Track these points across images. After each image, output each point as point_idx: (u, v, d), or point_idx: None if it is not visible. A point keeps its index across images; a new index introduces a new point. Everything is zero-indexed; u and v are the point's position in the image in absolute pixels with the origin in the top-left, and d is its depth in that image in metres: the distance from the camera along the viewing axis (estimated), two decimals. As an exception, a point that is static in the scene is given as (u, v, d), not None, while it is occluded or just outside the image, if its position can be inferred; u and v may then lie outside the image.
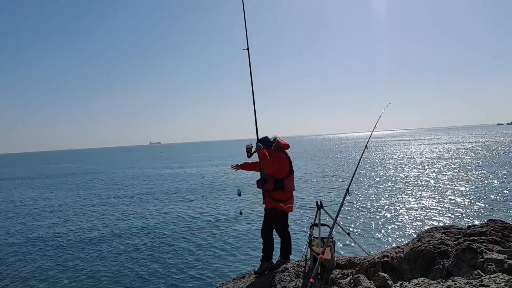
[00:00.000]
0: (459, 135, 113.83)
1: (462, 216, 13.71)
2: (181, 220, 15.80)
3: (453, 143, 69.64)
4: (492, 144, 57.52)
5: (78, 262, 11.05)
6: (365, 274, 3.78)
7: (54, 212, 20.04)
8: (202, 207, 18.73)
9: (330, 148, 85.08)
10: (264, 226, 4.91)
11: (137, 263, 10.56)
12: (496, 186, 19.35)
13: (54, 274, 10.14)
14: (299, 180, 26.66)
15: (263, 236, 4.90)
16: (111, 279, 9.53)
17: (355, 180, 24.06)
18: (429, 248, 3.70)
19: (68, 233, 14.74)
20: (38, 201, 24.76)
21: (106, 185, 32.34)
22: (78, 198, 24.89)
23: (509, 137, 76.73)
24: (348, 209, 15.50)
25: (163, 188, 27.55)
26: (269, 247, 4.90)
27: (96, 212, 19.07)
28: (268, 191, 4.76)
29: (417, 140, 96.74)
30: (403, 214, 14.45)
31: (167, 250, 11.61)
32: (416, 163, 35.01)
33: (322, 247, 4.05)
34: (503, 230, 3.78)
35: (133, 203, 21.43)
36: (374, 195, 19.02)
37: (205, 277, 9.24)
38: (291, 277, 4.38)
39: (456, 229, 4.25)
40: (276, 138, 4.95)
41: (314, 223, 4.64)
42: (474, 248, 3.37)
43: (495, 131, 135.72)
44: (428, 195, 18.16)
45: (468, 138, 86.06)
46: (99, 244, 12.87)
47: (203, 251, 11.31)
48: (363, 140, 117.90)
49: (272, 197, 4.76)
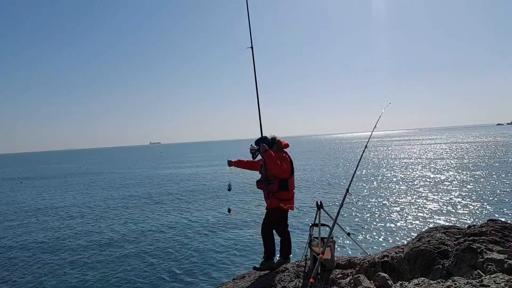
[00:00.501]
0: (459, 135, 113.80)
1: (462, 216, 13.71)
2: (180, 221, 15.80)
3: (453, 143, 69.63)
4: (492, 144, 57.51)
5: (77, 262, 11.04)
6: (365, 274, 3.78)
7: (54, 212, 20.03)
8: (201, 207, 18.73)
9: (330, 148, 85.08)
10: (265, 225, 4.91)
11: (136, 264, 10.56)
12: (496, 186, 19.35)
13: (54, 273, 10.13)
14: (299, 180, 26.66)
15: (264, 235, 4.90)
16: (109, 280, 9.53)
17: (355, 180, 24.06)
18: (429, 248, 3.70)
19: (68, 233, 14.73)
20: (38, 201, 24.76)
21: (106, 185, 32.34)
22: (78, 199, 24.89)
23: (509, 137, 76.72)
24: (348, 209, 15.49)
25: (162, 189, 27.55)
26: (271, 246, 4.91)
27: (96, 213, 19.06)
28: (272, 192, 4.76)
29: (417, 140, 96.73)
30: (403, 214, 14.45)
31: (166, 251, 11.60)
32: (416, 163, 35.00)
33: (322, 247, 4.05)
34: (503, 230, 3.78)
35: (133, 203, 21.42)
36: (374, 195, 19.02)
37: (205, 277, 9.24)
38: (291, 277, 4.39)
39: (456, 229, 4.26)
40: (276, 137, 4.94)
41: (314, 223, 4.64)
42: (474, 248, 3.37)
43: (495, 131, 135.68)
44: (428, 195, 18.15)
45: (468, 138, 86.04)
46: (99, 244, 12.87)
47: (202, 251, 11.31)
48: (363, 140, 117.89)
49: (277, 197, 4.76)
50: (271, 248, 4.89)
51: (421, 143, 78.01)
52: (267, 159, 4.65)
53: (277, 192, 4.74)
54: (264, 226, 4.92)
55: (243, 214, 16.08)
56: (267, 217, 4.90)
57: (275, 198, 4.75)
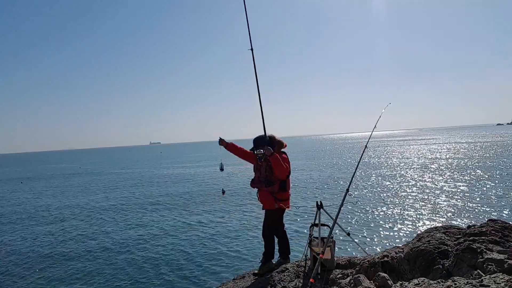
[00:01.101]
0: (459, 135, 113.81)
1: (462, 216, 13.71)
2: (180, 221, 15.80)
3: (453, 143, 69.63)
4: (492, 144, 57.52)
5: (76, 263, 11.05)
6: (365, 274, 3.77)
7: (54, 212, 20.04)
8: (200, 207, 18.73)
9: (330, 148, 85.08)
10: (266, 226, 4.86)
11: (136, 264, 10.56)
12: (496, 186, 19.35)
13: (54, 273, 10.14)
14: (299, 180, 26.66)
15: (266, 236, 4.85)
16: (109, 281, 9.53)
17: (355, 180, 24.07)
18: (429, 248, 3.70)
19: (67, 233, 14.74)
20: (38, 201, 24.76)
21: (106, 186, 32.34)
22: (78, 199, 24.89)
23: (509, 137, 76.72)
24: (348, 209, 15.50)
25: (162, 189, 27.56)
26: (272, 247, 4.89)
27: (96, 213, 19.07)
28: (273, 193, 4.72)
29: (417, 140, 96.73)
30: (403, 214, 14.45)
31: (166, 251, 11.61)
32: (416, 163, 35.01)
33: (322, 247, 4.05)
34: (503, 230, 3.78)
35: (132, 204, 21.42)
36: (374, 195, 19.02)
37: (205, 277, 9.24)
38: (291, 277, 4.38)
39: (456, 229, 4.25)
40: (273, 136, 4.90)
41: (314, 223, 4.64)
42: (474, 248, 3.37)
43: (495, 131, 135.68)
44: (428, 195, 18.15)
45: (468, 138, 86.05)
46: (98, 244, 12.87)
47: (202, 251, 11.31)
48: (363, 140, 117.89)
49: (278, 198, 4.73)
50: (271, 249, 4.88)
51: (421, 143, 78.01)
52: (274, 162, 4.59)
53: (277, 193, 4.72)
54: (265, 227, 4.86)
55: (242, 215, 16.08)
56: (267, 218, 4.85)
57: (276, 199, 4.73)
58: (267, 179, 4.72)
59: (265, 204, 4.81)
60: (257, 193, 4.90)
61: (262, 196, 4.82)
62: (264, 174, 4.75)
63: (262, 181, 4.75)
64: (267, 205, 4.80)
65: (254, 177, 4.89)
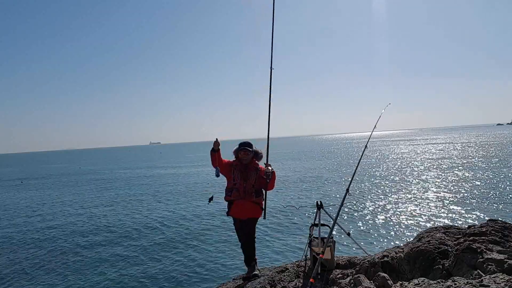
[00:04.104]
0: (459, 135, 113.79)
1: (462, 216, 13.71)
2: (179, 220, 15.80)
3: (453, 143, 69.61)
4: (492, 144, 57.50)
5: (76, 263, 11.04)
6: (365, 274, 3.77)
7: (54, 212, 20.03)
8: (200, 207, 18.72)
9: (330, 148, 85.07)
10: (246, 234, 4.87)
11: (135, 264, 10.56)
12: (496, 186, 19.34)
13: (54, 273, 10.14)
14: (299, 180, 26.67)
15: (246, 243, 4.90)
16: (108, 280, 9.53)
17: (355, 180, 24.06)
18: (429, 248, 3.70)
19: (67, 233, 14.74)
20: (38, 201, 24.75)
21: (106, 186, 32.35)
22: (78, 199, 24.89)
23: (509, 137, 76.70)
24: (348, 209, 15.49)
25: (162, 189, 27.55)
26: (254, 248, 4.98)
27: (96, 213, 19.06)
28: (259, 203, 4.86)
29: (418, 140, 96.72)
30: (403, 214, 14.45)
31: (165, 251, 11.61)
32: (416, 163, 35.00)
33: (322, 247, 4.06)
34: (503, 230, 3.79)
35: (132, 203, 21.42)
36: (374, 195, 19.02)
37: (204, 277, 9.24)
38: (291, 277, 4.38)
39: (456, 229, 4.26)
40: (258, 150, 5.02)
41: (314, 223, 4.65)
42: (474, 248, 3.37)
43: (495, 131, 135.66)
44: (428, 195, 18.16)
45: (468, 138, 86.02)
46: (97, 245, 12.87)
47: (202, 251, 11.31)
48: (363, 140, 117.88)
49: (261, 206, 4.89)
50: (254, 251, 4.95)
51: (421, 143, 78.00)
52: (272, 180, 4.80)
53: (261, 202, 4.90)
54: (246, 235, 4.86)
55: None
56: (248, 226, 4.84)
57: (260, 208, 4.88)
58: (256, 190, 4.81)
59: (249, 213, 4.78)
60: (233, 203, 4.81)
61: (244, 205, 4.75)
62: (251, 185, 4.78)
63: (253, 192, 4.77)
64: (251, 214, 4.79)
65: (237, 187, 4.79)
